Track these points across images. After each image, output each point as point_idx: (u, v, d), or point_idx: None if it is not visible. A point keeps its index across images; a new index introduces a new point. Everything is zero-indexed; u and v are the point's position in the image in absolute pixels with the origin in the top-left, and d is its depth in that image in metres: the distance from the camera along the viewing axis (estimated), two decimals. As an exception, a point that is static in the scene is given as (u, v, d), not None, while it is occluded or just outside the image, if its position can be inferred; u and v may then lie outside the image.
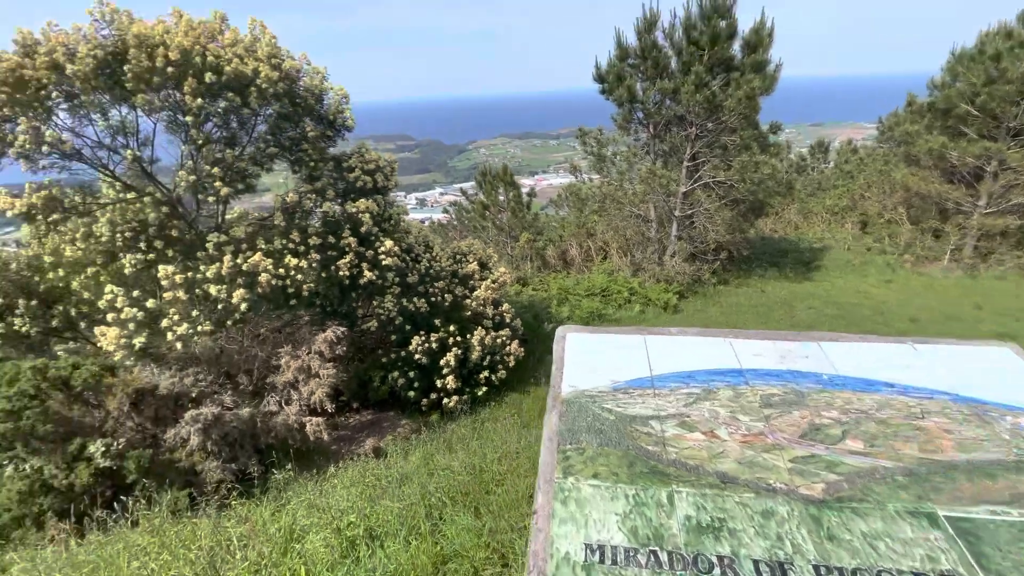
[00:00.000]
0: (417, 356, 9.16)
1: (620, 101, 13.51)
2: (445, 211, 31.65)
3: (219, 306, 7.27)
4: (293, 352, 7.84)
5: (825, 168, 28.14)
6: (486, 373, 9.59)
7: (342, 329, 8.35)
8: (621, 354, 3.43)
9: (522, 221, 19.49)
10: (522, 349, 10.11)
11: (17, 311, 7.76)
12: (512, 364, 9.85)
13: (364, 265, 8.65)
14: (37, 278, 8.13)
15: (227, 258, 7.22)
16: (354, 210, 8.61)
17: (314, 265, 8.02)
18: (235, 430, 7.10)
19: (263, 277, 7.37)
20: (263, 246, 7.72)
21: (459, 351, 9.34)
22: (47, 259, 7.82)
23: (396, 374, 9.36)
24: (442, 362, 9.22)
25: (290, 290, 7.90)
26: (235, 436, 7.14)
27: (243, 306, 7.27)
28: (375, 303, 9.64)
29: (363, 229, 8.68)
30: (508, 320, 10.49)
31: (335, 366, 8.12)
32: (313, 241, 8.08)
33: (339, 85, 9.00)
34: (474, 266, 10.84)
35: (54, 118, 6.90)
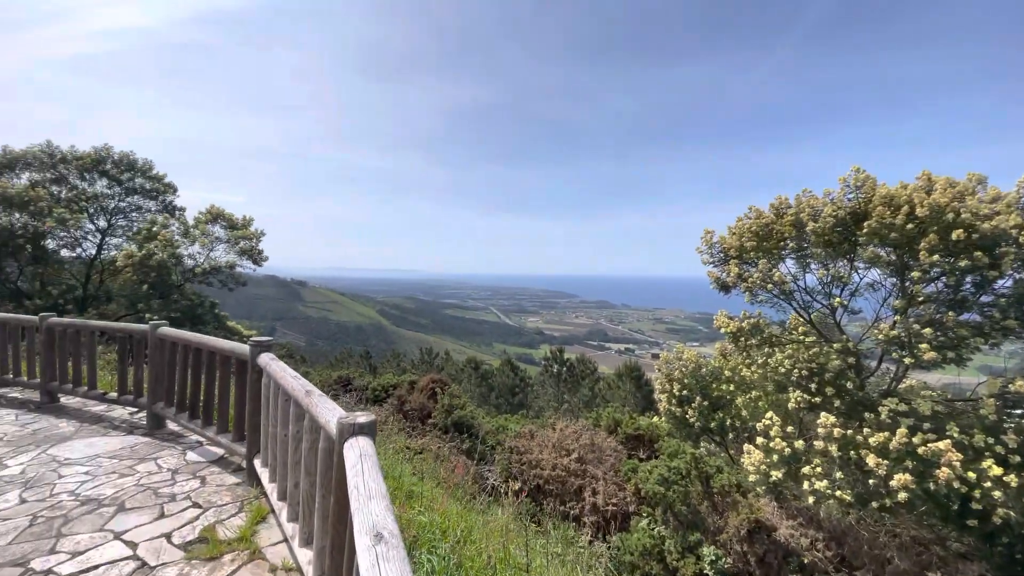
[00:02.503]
0: None
1: None
2: None
3: (871, 481, 6.17)
4: (953, 591, 5.56)
5: None
6: None
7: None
8: None
9: None
10: None
11: (693, 404, 9.69)
12: None
13: None
14: (714, 385, 9.88)
15: (901, 431, 6.05)
16: None
17: (1033, 490, 5.46)
18: (837, 635, 5.70)
19: (943, 472, 5.67)
20: (954, 434, 5.99)
21: None
22: (726, 373, 9.36)
23: None
24: None
25: (974, 504, 5.73)
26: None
27: (902, 495, 5.83)
28: None
29: None
30: None
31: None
32: (1043, 456, 5.54)
33: None
34: None
35: (782, 265, 8.18)
